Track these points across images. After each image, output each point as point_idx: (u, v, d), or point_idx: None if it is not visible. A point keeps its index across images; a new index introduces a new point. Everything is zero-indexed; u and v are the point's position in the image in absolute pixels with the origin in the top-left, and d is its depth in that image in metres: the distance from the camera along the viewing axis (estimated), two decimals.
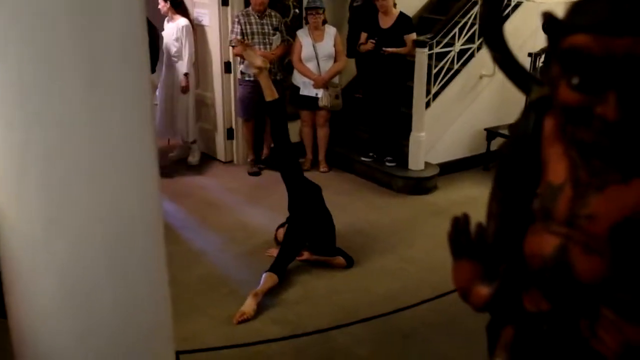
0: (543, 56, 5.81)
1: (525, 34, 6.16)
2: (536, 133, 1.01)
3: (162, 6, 6.31)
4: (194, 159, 6.75)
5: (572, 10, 0.93)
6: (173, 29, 6.31)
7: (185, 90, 6.39)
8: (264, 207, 5.69)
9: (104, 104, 1.58)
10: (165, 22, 6.43)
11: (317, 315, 3.99)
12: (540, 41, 6.00)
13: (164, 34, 6.44)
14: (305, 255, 4.54)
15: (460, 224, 1.14)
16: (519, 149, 1.04)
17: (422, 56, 5.80)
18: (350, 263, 4.52)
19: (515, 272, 1.06)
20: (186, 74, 6.34)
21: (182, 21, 6.30)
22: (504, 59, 1.07)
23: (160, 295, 1.88)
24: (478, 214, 4.82)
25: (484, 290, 1.09)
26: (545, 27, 0.94)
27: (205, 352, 3.40)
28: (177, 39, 6.28)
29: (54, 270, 1.65)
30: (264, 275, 4.15)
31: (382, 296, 4.20)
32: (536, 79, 1.06)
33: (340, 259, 4.52)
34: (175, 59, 6.36)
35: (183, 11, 6.37)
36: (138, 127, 1.68)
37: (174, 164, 6.74)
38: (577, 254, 0.93)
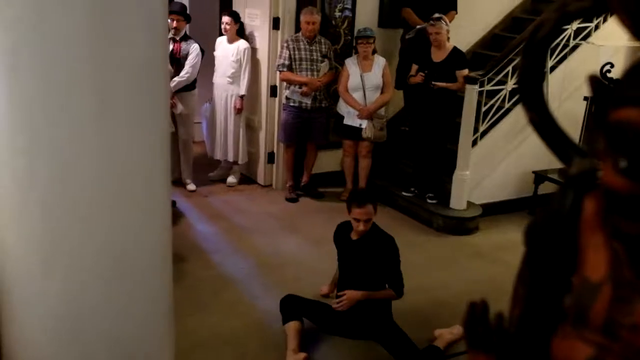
0: None
1: (582, 77, 5.92)
2: (574, 214, 0.86)
3: (231, 27, 6.27)
4: (233, 180, 6.71)
5: (625, 79, 0.78)
6: (233, 50, 6.28)
7: (239, 111, 6.36)
8: (297, 235, 5.58)
9: (114, 136, 1.49)
10: (224, 41, 6.39)
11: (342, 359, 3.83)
12: None
13: (218, 54, 6.41)
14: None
15: (477, 310, 0.98)
16: (553, 230, 0.89)
17: (472, 93, 5.63)
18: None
19: None
20: (242, 96, 6.31)
21: (243, 44, 6.29)
22: (542, 121, 0.92)
23: (161, 332, 1.76)
24: (519, 259, 4.61)
25: None
26: (593, 94, 0.80)
27: None
28: (236, 61, 6.26)
29: (48, 302, 1.56)
30: (288, 328, 3.81)
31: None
32: (578, 148, 0.91)
33: None
34: (231, 80, 6.32)
35: (242, 34, 6.38)
36: (150, 160, 1.58)
37: (212, 184, 6.70)
38: None
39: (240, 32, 6.38)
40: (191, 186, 6.42)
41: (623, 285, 0.79)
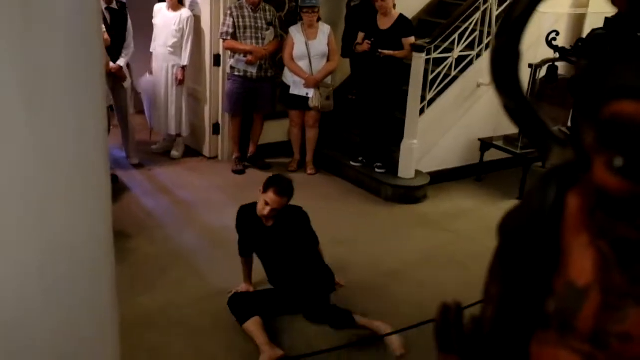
0: (545, 68, 5.60)
1: (525, 44, 5.93)
2: (556, 211, 0.80)
3: None
4: (177, 152, 6.53)
5: (619, 68, 0.71)
6: (174, 19, 6.03)
7: (182, 83, 6.15)
8: None
9: (45, 117, 1.36)
10: (164, 8, 6.12)
11: (294, 336, 3.78)
12: (541, 52, 5.81)
13: (157, 22, 6.14)
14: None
15: (450, 313, 0.92)
16: (532, 228, 0.83)
17: (418, 61, 5.58)
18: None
19: None
20: (184, 67, 6.10)
21: (185, 12, 6.07)
22: (519, 108, 0.86)
23: (107, 335, 1.66)
24: (468, 226, 4.65)
25: None
26: (579, 80, 0.73)
27: None
28: (178, 30, 6.02)
29: None
30: (251, 325, 3.61)
31: (363, 313, 3.99)
32: (558, 137, 0.84)
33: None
34: (172, 50, 6.08)
35: (181, 1, 6.17)
36: (86, 143, 1.46)
37: (156, 157, 6.51)
38: None
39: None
40: (135, 160, 6.22)
41: (613, 291, 0.74)
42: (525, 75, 5.92)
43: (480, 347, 0.89)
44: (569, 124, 4.40)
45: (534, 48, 5.95)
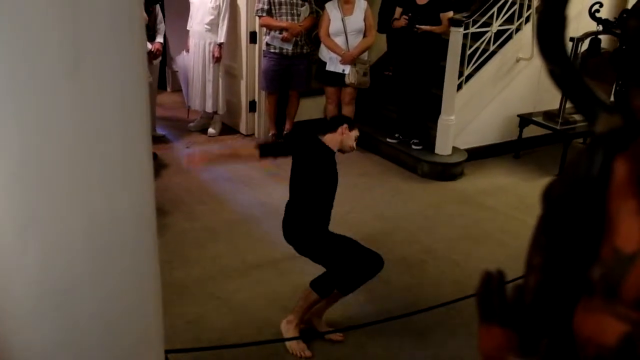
0: (588, 41, 5.46)
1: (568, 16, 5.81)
2: (603, 178, 0.78)
3: None
4: (214, 130, 6.58)
5: None
6: None
7: (218, 60, 6.18)
8: (281, 185, 5.47)
9: (89, 90, 1.38)
10: None
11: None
12: (584, 24, 5.67)
13: (195, 0, 6.18)
14: None
15: (493, 281, 0.91)
16: (577, 195, 0.81)
17: (456, 35, 5.50)
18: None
19: (561, 351, 0.84)
20: (221, 44, 6.12)
21: None
22: (564, 73, 0.84)
23: (150, 303, 1.70)
24: (506, 203, 4.59)
25: None
26: (629, 44, 0.71)
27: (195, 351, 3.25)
28: (215, 7, 6.04)
29: (28, 276, 1.48)
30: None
31: (400, 289, 4.02)
32: (605, 103, 0.83)
33: None
34: (209, 27, 6.10)
35: None
36: (130, 117, 1.48)
37: (193, 134, 6.57)
38: None
39: None
40: (157, 132, 6.31)
41: None
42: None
43: (523, 316, 0.88)
44: (612, 98, 4.30)
45: (576, 20, 5.80)
